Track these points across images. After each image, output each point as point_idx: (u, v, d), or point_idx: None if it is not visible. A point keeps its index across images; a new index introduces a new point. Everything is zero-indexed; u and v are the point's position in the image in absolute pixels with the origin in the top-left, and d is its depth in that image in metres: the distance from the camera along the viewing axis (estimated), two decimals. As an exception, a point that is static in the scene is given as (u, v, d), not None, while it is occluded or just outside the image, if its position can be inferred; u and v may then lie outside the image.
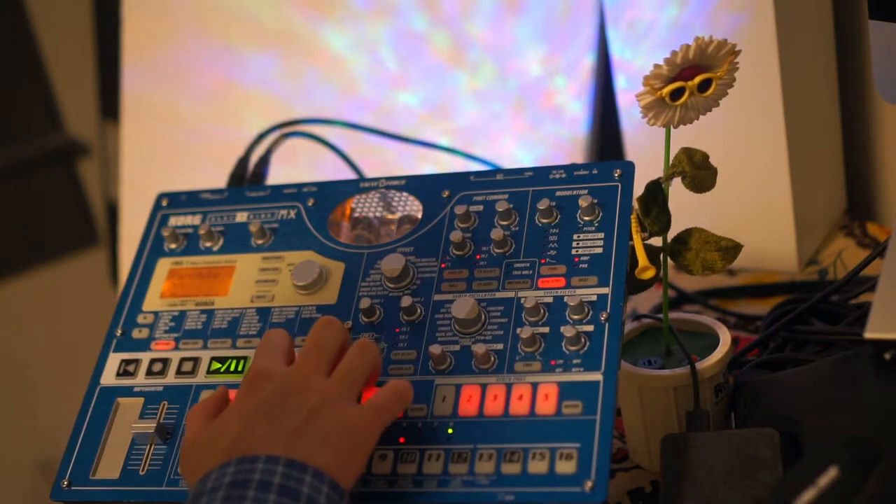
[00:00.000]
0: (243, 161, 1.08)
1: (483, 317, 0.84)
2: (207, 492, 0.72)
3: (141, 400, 0.89)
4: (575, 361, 0.80)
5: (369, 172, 1.13)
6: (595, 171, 0.88)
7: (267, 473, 0.71)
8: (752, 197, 1.13)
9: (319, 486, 0.72)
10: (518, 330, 0.82)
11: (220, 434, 0.76)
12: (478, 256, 0.87)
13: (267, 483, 0.71)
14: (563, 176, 0.89)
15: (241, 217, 0.97)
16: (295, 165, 1.22)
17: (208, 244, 0.96)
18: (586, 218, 0.86)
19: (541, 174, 0.90)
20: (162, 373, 0.90)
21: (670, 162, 0.84)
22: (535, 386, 0.80)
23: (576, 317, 0.82)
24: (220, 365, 0.89)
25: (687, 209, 0.89)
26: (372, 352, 0.80)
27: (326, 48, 1.31)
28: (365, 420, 0.77)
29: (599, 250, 0.85)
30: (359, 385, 0.79)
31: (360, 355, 0.80)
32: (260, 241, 0.95)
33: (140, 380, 0.90)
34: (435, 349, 0.82)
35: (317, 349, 0.80)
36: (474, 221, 0.89)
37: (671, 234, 0.86)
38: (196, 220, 0.98)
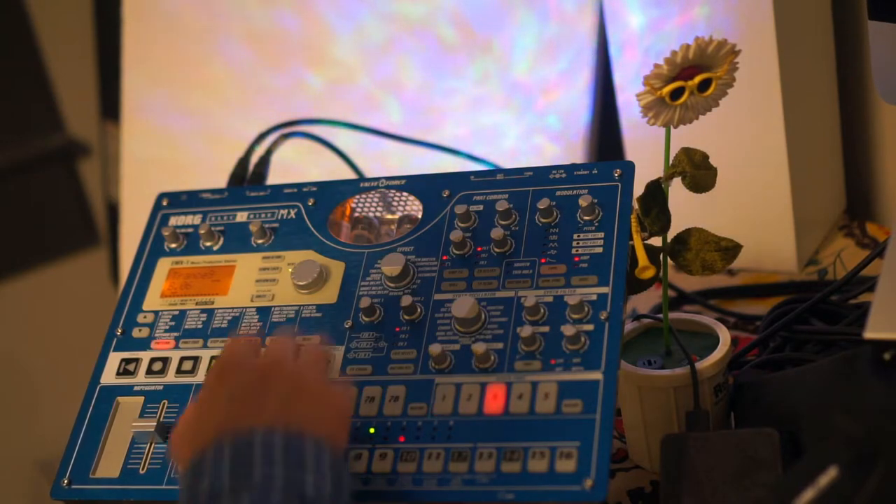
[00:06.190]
0: (243, 161, 1.08)
1: (483, 316, 0.84)
2: (209, 469, 0.71)
3: (141, 399, 0.89)
4: (575, 360, 0.80)
5: (369, 172, 1.13)
6: (595, 171, 0.89)
7: (266, 446, 0.72)
8: (752, 197, 1.13)
9: (321, 455, 0.73)
10: (518, 329, 0.82)
11: (207, 413, 0.76)
12: (478, 254, 0.88)
13: (269, 456, 0.71)
14: (563, 176, 0.89)
15: (241, 217, 0.97)
16: (295, 165, 1.22)
17: (208, 244, 0.96)
18: (586, 218, 0.86)
19: (541, 174, 0.90)
20: (162, 372, 0.90)
21: (670, 162, 0.84)
22: (534, 385, 0.80)
23: (576, 316, 0.82)
24: (220, 364, 0.89)
25: (687, 209, 0.89)
26: (323, 348, 0.85)
27: (327, 49, 1.31)
28: (341, 394, 0.79)
29: (599, 250, 0.85)
30: (324, 370, 0.83)
31: (317, 348, 0.83)
32: (260, 241, 0.95)
33: (140, 379, 0.90)
34: (435, 348, 0.82)
35: (279, 343, 0.81)
36: (474, 221, 0.89)
37: (671, 234, 0.86)
38: (196, 219, 0.98)
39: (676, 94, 0.80)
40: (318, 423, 0.75)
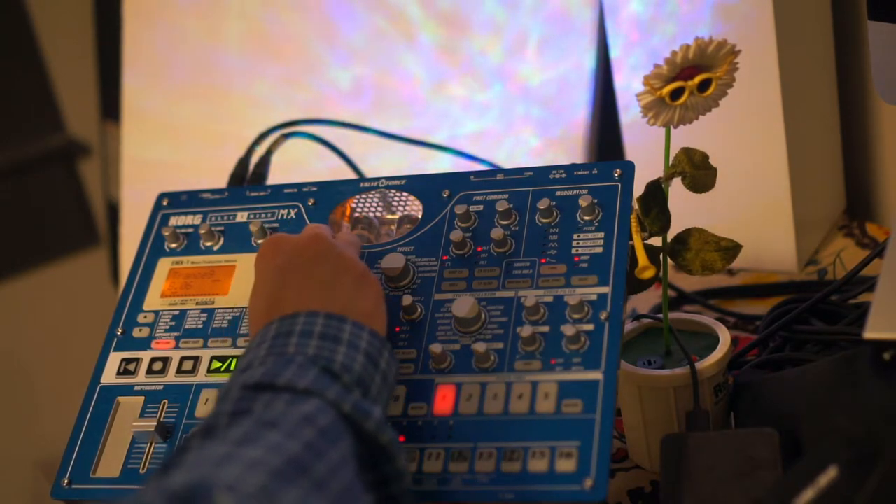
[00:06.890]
0: (244, 161, 1.08)
1: (483, 316, 0.84)
2: (254, 347, 0.77)
3: (141, 399, 0.89)
4: (575, 360, 0.80)
5: (369, 172, 1.13)
6: (595, 171, 0.89)
7: (308, 325, 0.76)
8: (752, 197, 1.13)
9: (360, 333, 0.77)
10: (518, 329, 0.82)
11: (254, 300, 0.81)
12: (478, 254, 0.88)
13: (308, 332, 0.76)
14: (563, 176, 0.89)
15: (241, 217, 0.97)
16: (295, 165, 1.22)
17: (209, 244, 0.96)
18: (586, 218, 0.86)
19: (541, 174, 0.90)
20: (162, 372, 0.90)
21: (670, 162, 0.84)
22: (534, 385, 0.80)
23: (576, 316, 0.82)
24: (220, 364, 0.89)
25: (687, 209, 0.89)
26: (355, 236, 0.90)
27: (326, 49, 1.31)
28: (375, 277, 0.83)
29: (599, 250, 0.85)
30: (359, 252, 0.87)
31: (351, 234, 0.90)
32: (260, 241, 0.95)
33: (140, 379, 0.90)
34: (435, 348, 0.82)
35: (316, 225, 0.86)
36: (474, 221, 0.89)
37: (671, 234, 0.86)
38: (196, 219, 0.98)
39: (676, 94, 0.80)
40: (358, 305, 0.79)
